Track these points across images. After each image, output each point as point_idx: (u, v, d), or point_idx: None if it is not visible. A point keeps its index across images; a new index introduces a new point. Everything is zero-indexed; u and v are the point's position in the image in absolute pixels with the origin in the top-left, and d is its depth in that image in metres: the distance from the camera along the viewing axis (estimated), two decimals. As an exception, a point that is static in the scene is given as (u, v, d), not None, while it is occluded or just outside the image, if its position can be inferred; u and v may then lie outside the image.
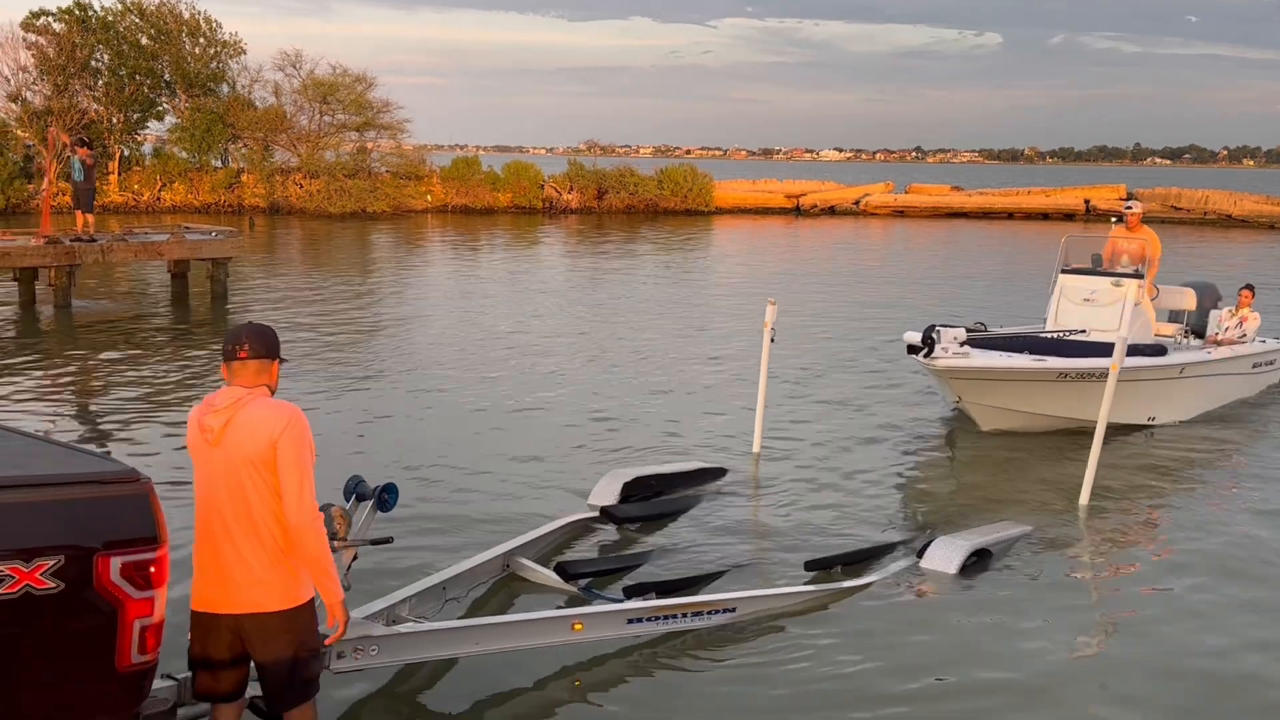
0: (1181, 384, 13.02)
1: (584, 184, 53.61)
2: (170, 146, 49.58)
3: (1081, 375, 12.01)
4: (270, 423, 4.48)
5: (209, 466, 4.56)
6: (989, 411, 12.25)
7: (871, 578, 8.24)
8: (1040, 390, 12.15)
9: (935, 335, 11.50)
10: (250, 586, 4.51)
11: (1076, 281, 13.81)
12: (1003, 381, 12.01)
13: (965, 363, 11.60)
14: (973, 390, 12.07)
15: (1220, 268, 33.93)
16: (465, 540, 8.47)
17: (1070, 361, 12.14)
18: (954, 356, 11.53)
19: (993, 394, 12.08)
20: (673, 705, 6.35)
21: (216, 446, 4.52)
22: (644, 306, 23.06)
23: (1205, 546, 9.29)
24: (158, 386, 14.39)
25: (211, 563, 4.57)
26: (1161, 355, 12.83)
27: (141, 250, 21.73)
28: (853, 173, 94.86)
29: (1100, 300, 13.53)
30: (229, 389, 4.62)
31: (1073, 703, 6.55)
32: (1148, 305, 13.80)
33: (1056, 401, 12.25)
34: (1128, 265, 13.81)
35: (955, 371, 11.67)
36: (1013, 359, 12.12)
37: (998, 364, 11.94)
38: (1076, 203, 58.33)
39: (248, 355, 4.61)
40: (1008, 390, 12.07)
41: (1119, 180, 69.47)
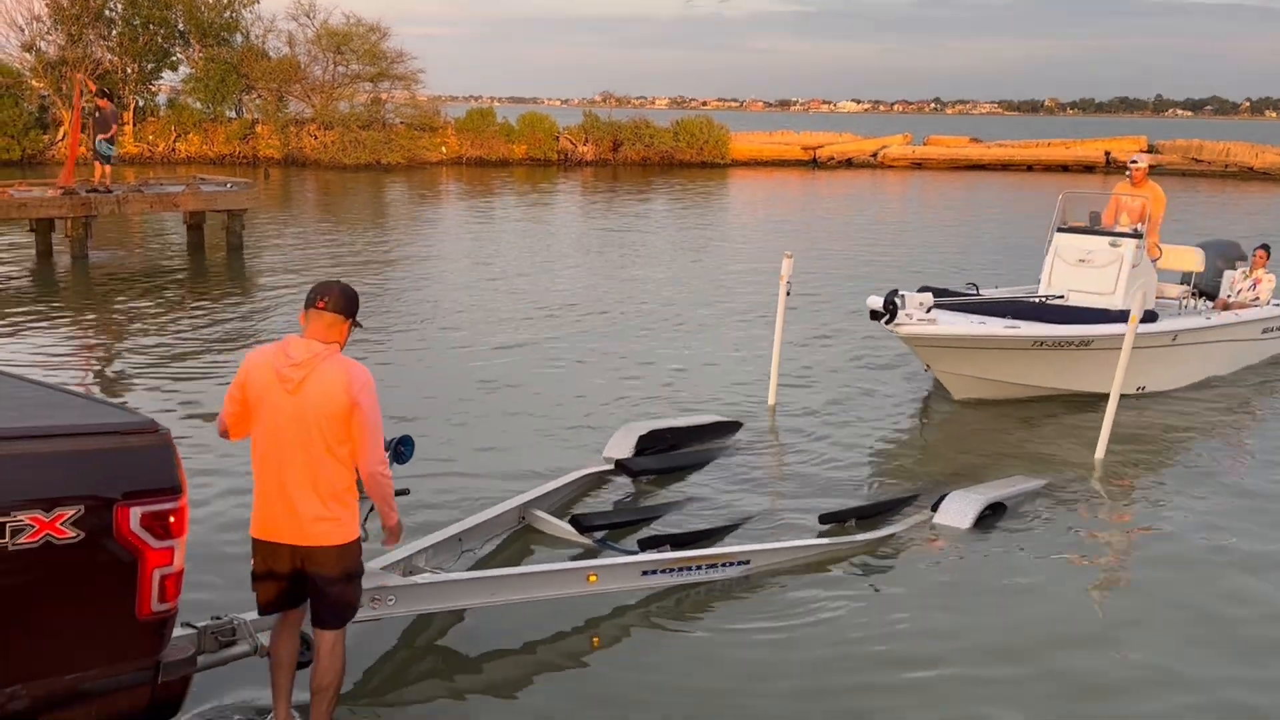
0: (1174, 352, 12.28)
1: (599, 136, 53.29)
2: (185, 97, 49.42)
3: (1060, 344, 11.41)
4: (350, 382, 4.83)
5: (280, 412, 4.86)
6: (961, 380, 11.69)
7: (885, 531, 8.27)
8: (1014, 359, 11.51)
9: (899, 300, 10.74)
10: (312, 523, 4.88)
11: (1072, 241, 13.11)
12: (973, 349, 11.36)
13: (930, 330, 10.90)
14: (942, 358, 11.49)
15: (1238, 222, 33.63)
16: (481, 492, 8.52)
17: (1047, 329, 11.48)
18: (919, 323, 10.79)
19: (964, 362, 11.48)
20: (686, 657, 6.41)
21: (294, 395, 4.83)
22: (659, 260, 23.00)
23: (1222, 500, 9.28)
24: (175, 338, 14.44)
25: (277, 498, 4.90)
26: (1152, 321, 11.77)
27: (157, 201, 21.74)
28: (870, 124, 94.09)
29: (1096, 261, 12.83)
30: (303, 340, 4.89)
31: (1086, 657, 6.58)
32: (1149, 266, 13.12)
33: (1033, 370, 11.67)
34: (1126, 224, 13.10)
35: (920, 339, 11.05)
36: (983, 326, 11.31)
37: (965, 331, 11.18)
38: (1097, 155, 57.78)
39: (326, 307, 4.90)
40: (979, 358, 11.42)
41: (1140, 132, 68.72)
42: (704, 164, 53.32)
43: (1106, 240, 12.87)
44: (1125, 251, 12.68)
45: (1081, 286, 12.73)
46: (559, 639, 6.53)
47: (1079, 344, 11.38)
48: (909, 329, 10.79)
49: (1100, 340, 11.36)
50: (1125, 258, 12.65)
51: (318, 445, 4.85)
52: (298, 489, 4.87)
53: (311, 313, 4.92)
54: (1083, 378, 11.70)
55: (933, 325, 10.87)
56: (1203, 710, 6.06)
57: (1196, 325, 12.71)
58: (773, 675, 6.23)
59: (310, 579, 4.98)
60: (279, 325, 15.42)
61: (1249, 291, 14.00)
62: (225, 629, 5.29)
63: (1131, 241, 12.73)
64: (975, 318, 11.52)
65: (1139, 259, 12.72)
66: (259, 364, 4.95)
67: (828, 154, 59.02)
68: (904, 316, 10.68)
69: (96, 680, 4.01)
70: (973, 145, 63.09)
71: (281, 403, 4.85)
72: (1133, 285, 12.34)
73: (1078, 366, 11.62)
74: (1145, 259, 12.89)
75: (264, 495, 4.96)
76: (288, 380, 4.83)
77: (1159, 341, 12.04)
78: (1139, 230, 12.88)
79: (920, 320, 10.77)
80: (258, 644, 5.38)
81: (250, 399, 4.95)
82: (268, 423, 4.90)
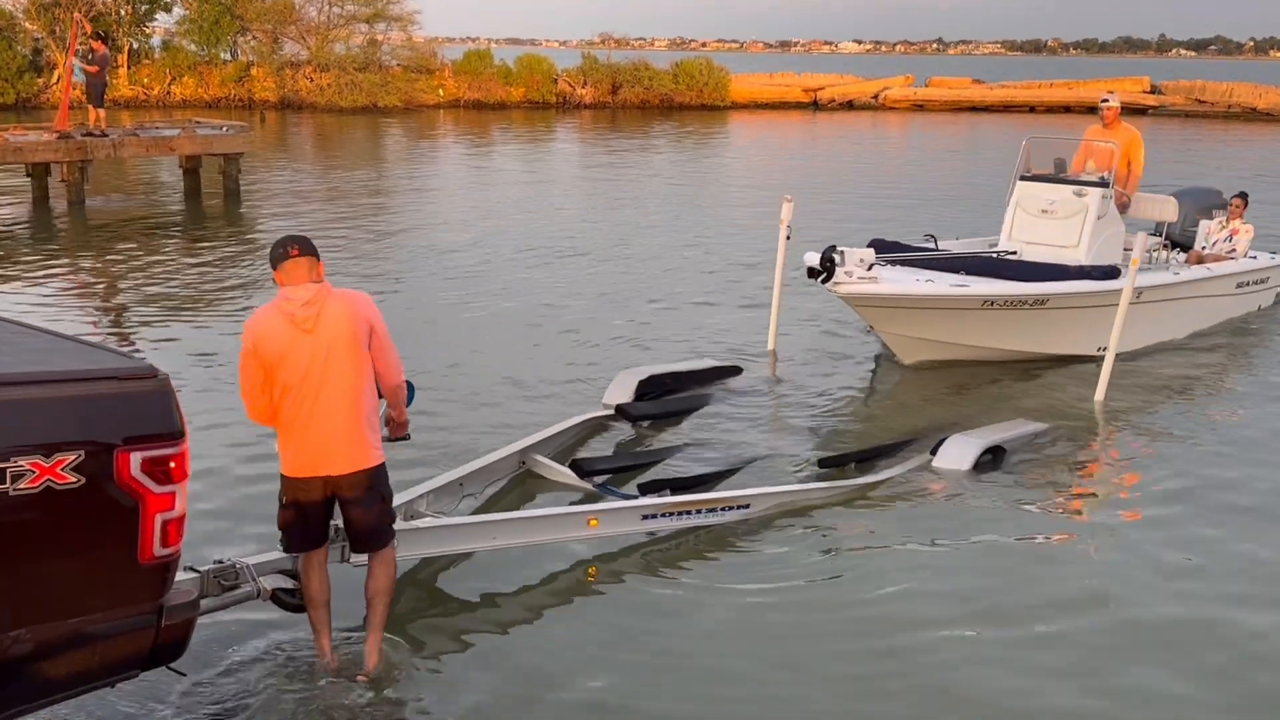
0: (1139, 310, 10.99)
1: (598, 78, 52.81)
2: (179, 39, 48.90)
3: (1012, 303, 10.53)
4: (360, 307, 5.18)
5: (302, 354, 5.05)
6: (906, 342, 10.85)
7: (885, 475, 8.29)
8: (963, 320, 10.60)
9: (837, 257, 9.84)
10: (350, 449, 5.15)
11: (1035, 190, 12.09)
12: (918, 310, 10.43)
13: (870, 289, 9.95)
14: (885, 319, 10.62)
15: (1239, 162, 33.46)
16: (482, 437, 8.53)
17: (998, 286, 10.57)
18: (859, 281, 9.85)
19: (908, 323, 10.58)
20: (686, 601, 6.45)
21: (312, 333, 5.05)
22: (658, 204, 22.90)
23: (1223, 442, 9.30)
24: (174, 283, 14.41)
25: (310, 435, 5.11)
26: (1113, 279, 10.90)
27: (153, 145, 21.59)
28: (871, 65, 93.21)
29: (1059, 212, 11.81)
30: (299, 286, 5.10)
31: (1084, 600, 6.63)
32: (1116, 217, 12.09)
33: (984, 332, 10.75)
34: (1092, 171, 12.07)
35: (860, 299, 10.13)
36: (929, 284, 10.36)
37: (908, 291, 10.23)
38: (1099, 96, 57.32)
39: (299, 253, 5.16)
40: (925, 319, 10.52)
41: (1143, 73, 68.06)
42: (704, 107, 52.89)
43: (1071, 189, 11.88)
44: (1090, 201, 11.69)
45: (1044, 239, 11.86)
46: (560, 583, 6.58)
47: (1034, 303, 10.57)
48: (848, 288, 9.87)
49: (1057, 299, 10.63)
50: (1090, 208, 11.66)
51: (342, 375, 5.10)
52: (328, 421, 5.10)
53: (287, 264, 5.14)
54: (1038, 339, 11.00)
55: (874, 284, 9.95)
56: (1193, 660, 6.11)
57: (1163, 282, 11.71)
58: (769, 617, 6.29)
59: (348, 507, 5.25)
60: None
61: (1224, 243, 13.14)
62: (228, 573, 5.32)
63: (1097, 191, 11.73)
64: (923, 275, 10.70)
65: (1105, 209, 11.76)
66: (263, 326, 5.10)
67: (828, 96, 58.54)
68: (842, 275, 9.78)
69: (100, 624, 4.04)
70: (975, 86, 62.54)
71: (302, 345, 5.05)
72: (1098, 238, 11.63)
73: (1033, 327, 10.83)
74: (1113, 209, 11.93)
75: (295, 434, 5.15)
76: (304, 321, 5.04)
77: (1120, 300, 10.85)
78: (1106, 178, 11.86)
79: (861, 279, 9.86)
80: (260, 588, 5.43)
81: (268, 362, 5.08)
82: (291, 369, 5.07)
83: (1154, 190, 12.87)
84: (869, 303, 10.25)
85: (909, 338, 10.76)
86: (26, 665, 3.89)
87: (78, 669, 4.06)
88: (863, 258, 9.90)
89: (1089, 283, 10.81)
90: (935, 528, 7.56)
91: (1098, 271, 10.98)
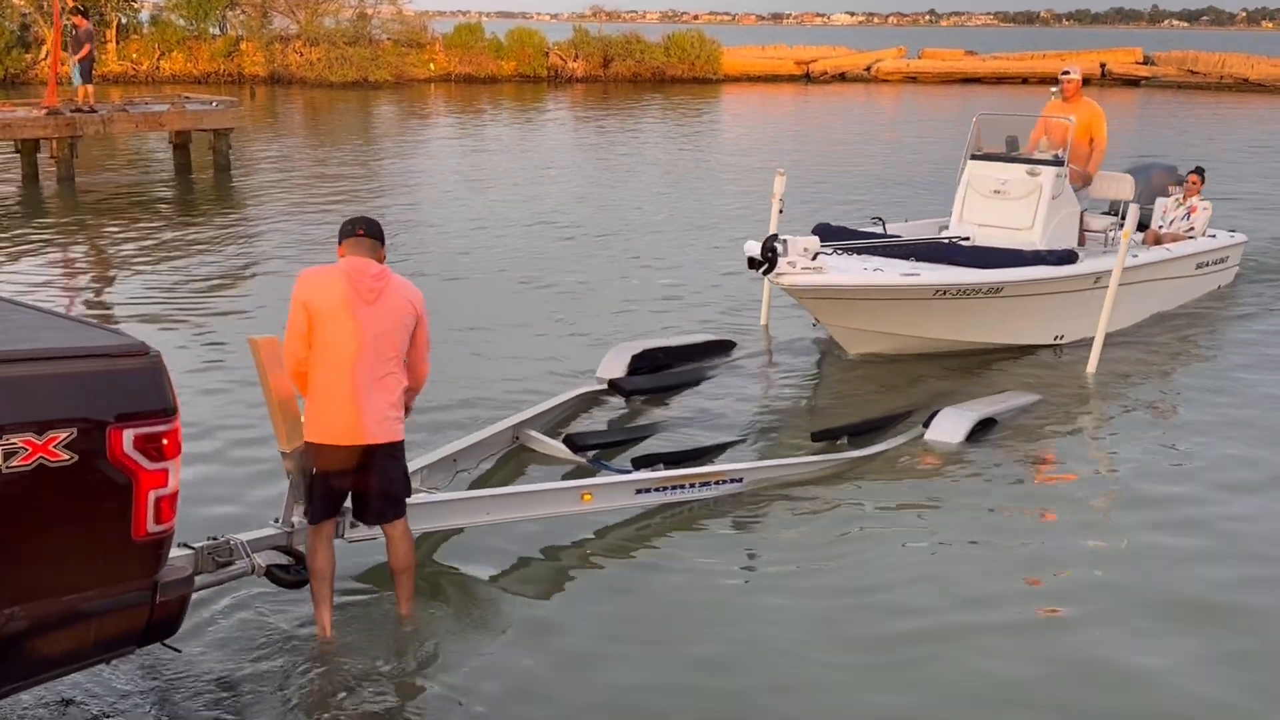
0: (1097, 296, 10.48)
1: (589, 52, 52.52)
2: (167, 14, 48.55)
3: (966, 291, 9.92)
4: (415, 298, 5.46)
5: (356, 321, 5.25)
6: (853, 335, 10.22)
7: (878, 448, 8.31)
8: (914, 310, 10.01)
9: (779, 246, 9.12)
10: (380, 422, 5.33)
11: (986, 169, 11.43)
12: (867, 301, 9.85)
13: (816, 281, 9.26)
14: (831, 311, 9.96)
15: (1231, 134, 33.46)
16: (475, 413, 8.53)
17: (951, 274, 9.99)
18: (803, 272, 9.17)
19: (855, 315, 9.95)
20: (679, 574, 6.47)
21: (373, 305, 5.28)
22: (650, 179, 22.85)
23: (1215, 413, 9.32)
24: (165, 259, 14.37)
25: (348, 402, 5.27)
26: (1070, 264, 10.46)
27: (142, 121, 21.49)
28: (864, 37, 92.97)
29: (1012, 192, 11.17)
30: (363, 259, 5.35)
31: (1074, 571, 6.66)
32: (1071, 197, 11.45)
33: (936, 323, 10.16)
34: (1046, 149, 11.42)
35: (805, 291, 9.43)
36: (879, 274, 9.81)
37: (858, 281, 9.63)
38: (1092, 66, 57.05)
39: (364, 234, 5.43)
40: (874, 311, 9.93)
41: (1135, 43, 67.89)
42: (696, 80, 52.62)
43: (1024, 168, 11.24)
44: (1044, 181, 11.06)
45: (996, 221, 11.24)
46: (554, 558, 6.60)
47: (988, 291, 9.95)
48: (792, 279, 9.15)
49: (1012, 286, 10.09)
50: (1044, 188, 11.06)
51: (389, 352, 5.34)
52: (368, 391, 5.28)
53: (351, 241, 5.41)
54: (993, 329, 10.42)
55: (820, 274, 9.26)
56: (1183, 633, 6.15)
57: (1126, 265, 10.85)
58: (762, 592, 6.32)
59: (374, 477, 5.42)
60: (268, 245, 15.34)
61: (1182, 222, 12.65)
62: (222, 549, 5.34)
63: (1051, 170, 11.10)
64: (871, 262, 10.11)
65: (1060, 188, 11.15)
66: (320, 280, 5.31)
67: (821, 68, 58.28)
68: (785, 265, 9.07)
69: (94, 601, 4.05)
70: (967, 58, 62.35)
71: (360, 313, 5.25)
72: (1053, 219, 11.11)
73: (987, 317, 10.23)
74: (1068, 189, 11.31)
75: (331, 400, 5.29)
76: (369, 292, 5.27)
77: (1078, 285, 10.60)
78: (1060, 156, 11.23)
79: (805, 269, 9.17)
80: (254, 564, 5.45)
81: (316, 315, 5.24)
82: (342, 332, 5.24)
83: (1108, 168, 12.33)
84: (815, 295, 9.58)
85: (856, 330, 10.16)
86: (21, 643, 3.91)
87: (73, 646, 4.08)
88: (807, 246, 9.22)
89: (1045, 269, 10.28)
90: (928, 500, 7.59)
91: (1053, 256, 10.44)
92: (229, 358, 9.88)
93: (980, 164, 11.55)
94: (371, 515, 5.58)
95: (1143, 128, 35.09)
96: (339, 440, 5.31)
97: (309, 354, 5.31)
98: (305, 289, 5.30)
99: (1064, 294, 10.37)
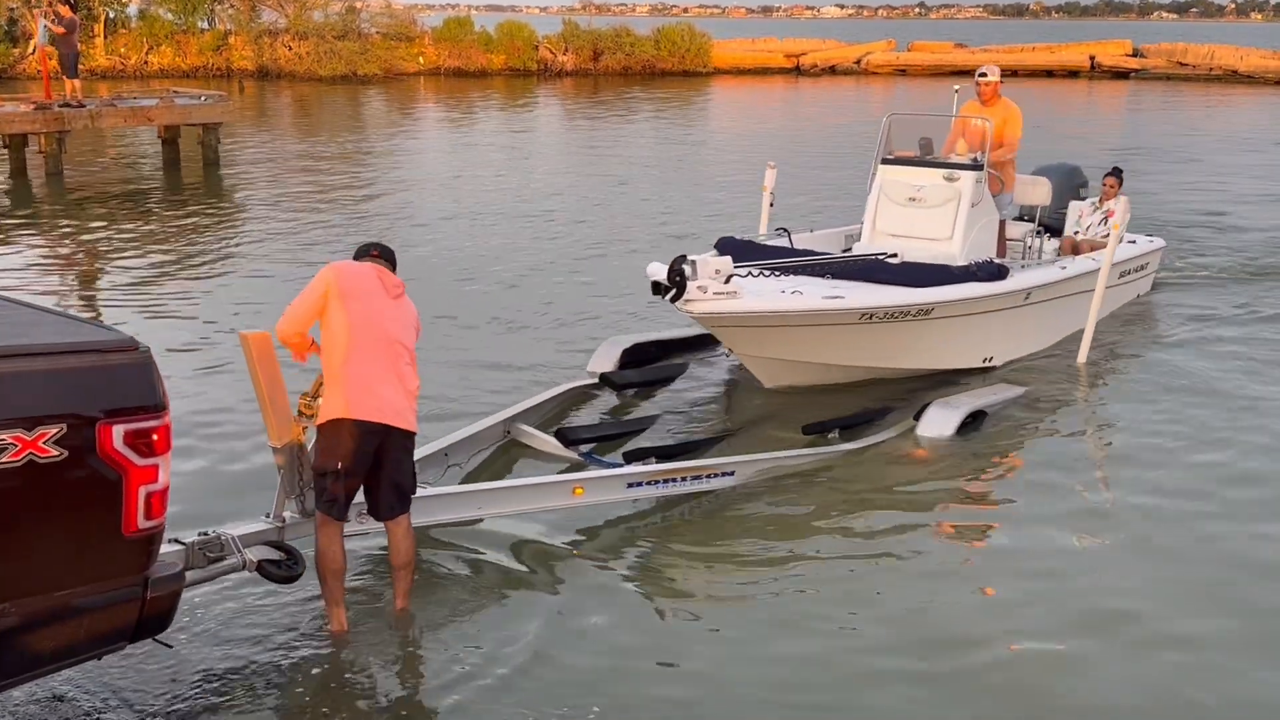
0: (1027, 313, 9.92)
1: (579, 45, 52.42)
2: (155, 8, 48.35)
3: (894, 314, 8.92)
4: (416, 311, 5.74)
5: (384, 310, 5.51)
6: (771, 365, 9.10)
7: (868, 441, 8.33)
8: (837, 336, 8.88)
9: (687, 269, 7.91)
10: (402, 411, 5.51)
11: (899, 174, 10.39)
12: (787, 328, 8.69)
13: (733, 306, 8.08)
14: (748, 341, 8.79)
15: (1226, 128, 33.54)
16: (466, 407, 8.53)
17: (877, 296, 8.89)
18: (716, 298, 7.98)
19: (773, 343, 8.81)
20: (670, 566, 6.49)
21: (396, 302, 5.57)
22: (640, 172, 22.83)
23: (1203, 406, 9.34)
24: (154, 254, 14.33)
25: (377, 381, 5.43)
26: (1001, 279, 9.53)
27: (131, 115, 21.42)
28: (854, 30, 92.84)
29: (929, 199, 10.20)
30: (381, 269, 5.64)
31: (1066, 562, 6.68)
32: (991, 205, 10.52)
33: (860, 349, 9.08)
34: (963, 153, 10.46)
35: (720, 319, 8.27)
36: (800, 297, 8.60)
37: (780, 307, 8.48)
38: (1081, 59, 57.24)
39: (379, 255, 5.74)
40: (793, 338, 8.78)
41: (1125, 35, 67.97)
42: (686, 73, 52.59)
43: (940, 173, 10.23)
44: (963, 186, 10.08)
45: (912, 231, 10.22)
46: (546, 552, 6.60)
47: (917, 313, 8.97)
48: (705, 306, 7.97)
49: (944, 307, 9.11)
50: (964, 194, 10.08)
51: (408, 347, 5.59)
52: (391, 377, 5.47)
53: (367, 261, 5.68)
54: (921, 354, 9.47)
55: (735, 299, 8.07)
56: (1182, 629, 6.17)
57: (1051, 279, 10.32)
58: (750, 573, 6.32)
59: (389, 464, 5.53)
60: (257, 240, 15.30)
61: (1099, 227, 11.80)
62: (213, 544, 5.33)
63: (970, 174, 10.11)
64: (789, 283, 8.94)
65: (980, 195, 10.21)
66: (354, 269, 5.57)
67: (811, 61, 58.29)
68: (695, 290, 7.88)
69: (85, 597, 4.04)
70: (957, 51, 62.34)
71: (386, 305, 5.52)
72: (973, 228, 10.16)
73: (916, 341, 9.24)
74: (988, 195, 10.40)
75: (361, 379, 5.41)
76: (396, 287, 5.59)
77: (1010, 303, 9.76)
78: (979, 160, 10.27)
79: (717, 294, 7.97)
80: (246, 559, 5.43)
81: (345, 295, 5.41)
82: (371, 316, 5.44)
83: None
84: (730, 323, 8.38)
85: (774, 360, 9.03)
86: (12, 639, 3.90)
87: (64, 642, 4.07)
88: (719, 268, 8.04)
89: (977, 285, 9.35)
90: (919, 493, 7.61)
91: (984, 272, 9.49)
92: (219, 352, 9.87)
93: (893, 168, 10.54)
94: (383, 510, 5.64)
95: (1134, 119, 35.13)
96: (375, 416, 5.40)
97: (308, 327, 5.51)
98: (337, 272, 5.50)
99: (996, 312, 9.61)
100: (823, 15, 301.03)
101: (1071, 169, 12.71)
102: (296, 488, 5.72)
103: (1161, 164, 24.22)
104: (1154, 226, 14.54)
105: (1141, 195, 15.00)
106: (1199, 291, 13.00)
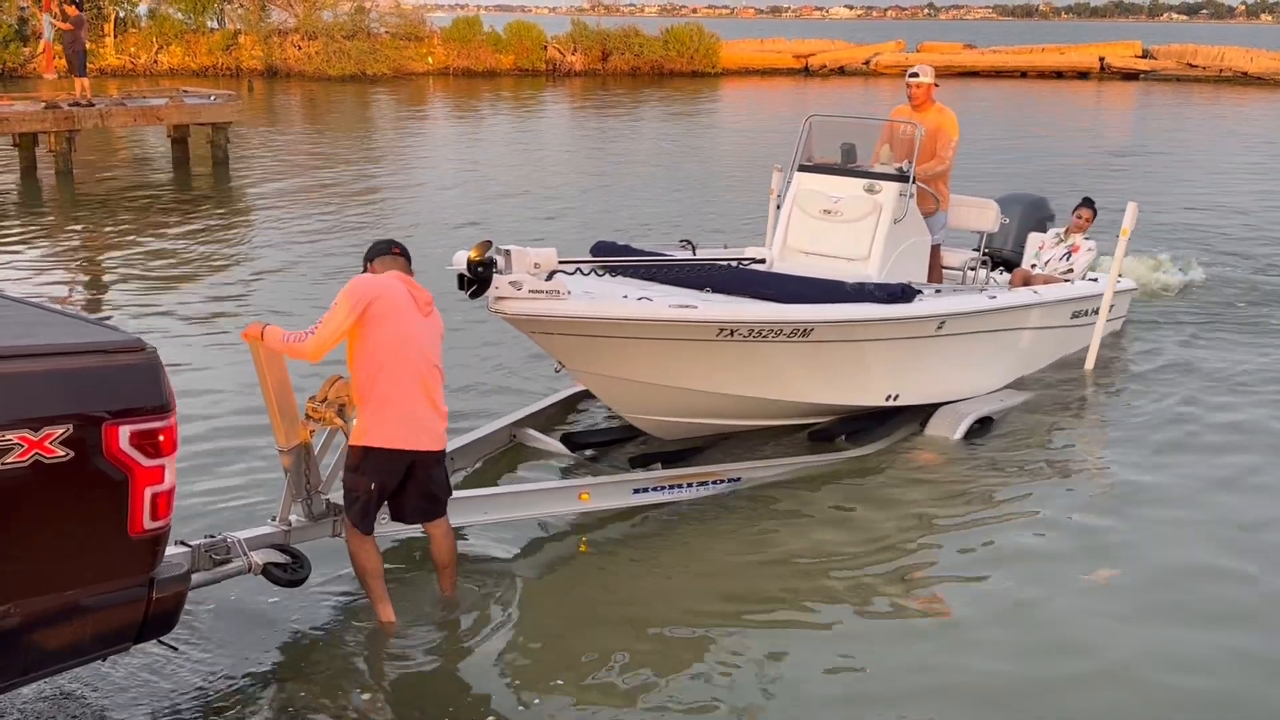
0: (941, 345, 8.58)
1: (588, 45, 52.45)
2: (165, 7, 48.47)
3: (761, 332, 7.32)
4: (443, 324, 5.66)
5: (419, 330, 5.47)
6: (614, 387, 7.32)
7: (874, 446, 8.30)
8: (691, 356, 7.23)
9: (499, 259, 6.36)
10: (434, 431, 5.57)
11: (816, 184, 9.29)
12: (624, 340, 6.97)
13: (549, 308, 6.49)
14: (575, 352, 7.01)
15: (1233, 130, 33.44)
16: (471, 412, 8.52)
17: (742, 310, 7.37)
18: (530, 296, 6.40)
19: (608, 358, 7.06)
20: (677, 572, 6.47)
21: (428, 318, 5.52)
22: (648, 173, 22.82)
23: (1212, 414, 9.31)
24: (162, 254, 14.35)
25: (407, 406, 5.44)
26: (905, 302, 8.11)
27: (140, 115, 21.45)
28: (863, 31, 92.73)
29: (846, 213, 9.04)
30: (405, 275, 5.56)
31: (1072, 566, 6.66)
32: (920, 223, 9.34)
33: (721, 374, 7.42)
34: (889, 162, 9.32)
35: (532, 321, 6.62)
36: (641, 305, 6.98)
37: (603, 312, 6.82)
38: (1091, 61, 57.11)
39: (399, 253, 5.67)
40: (632, 353, 7.06)
41: (1135, 37, 67.80)
42: (695, 74, 52.60)
43: (860, 183, 9.12)
44: (885, 199, 8.97)
45: (824, 248, 9.11)
46: (551, 558, 6.59)
47: (791, 333, 7.46)
48: (515, 305, 6.38)
49: (825, 328, 7.62)
50: (885, 207, 8.95)
51: (438, 363, 5.58)
52: (423, 399, 5.48)
53: (388, 258, 5.61)
54: (803, 385, 7.93)
55: (554, 299, 6.49)
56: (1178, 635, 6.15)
57: (973, 308, 8.94)
58: (756, 579, 6.32)
59: (424, 480, 5.61)
60: (266, 240, 15.32)
61: (1060, 262, 10.64)
62: (219, 547, 5.34)
63: (894, 186, 9.00)
64: (639, 290, 7.56)
65: (904, 210, 9.02)
66: (386, 283, 5.43)
67: (820, 62, 58.28)
68: (505, 286, 6.32)
69: (90, 597, 4.05)
70: (966, 52, 62.31)
71: (419, 324, 5.47)
72: (895, 248, 8.99)
73: (793, 368, 7.73)
74: (916, 212, 9.21)
75: (394, 404, 5.41)
76: (425, 305, 5.51)
77: (916, 331, 8.33)
78: (905, 170, 9.09)
79: (533, 292, 6.41)
80: (251, 562, 5.44)
81: (378, 316, 5.32)
82: (405, 338, 5.40)
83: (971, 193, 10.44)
84: (546, 327, 6.73)
85: (612, 379, 7.23)
86: (17, 639, 3.90)
87: (69, 642, 4.07)
88: (539, 261, 6.50)
89: (871, 307, 7.91)
90: (926, 498, 7.59)
91: (883, 291, 8.07)
92: (227, 354, 9.87)
93: (809, 176, 9.41)
94: (410, 515, 5.75)
95: (1145, 121, 35.06)
96: (409, 445, 5.46)
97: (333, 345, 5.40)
98: (369, 290, 5.37)
99: (897, 340, 8.22)
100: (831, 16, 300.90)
101: (1037, 200, 11.60)
102: (303, 491, 5.72)
103: (1169, 166, 24.15)
104: (1161, 231, 14.45)
105: (1148, 198, 14.90)
106: (1208, 299, 12.90)
